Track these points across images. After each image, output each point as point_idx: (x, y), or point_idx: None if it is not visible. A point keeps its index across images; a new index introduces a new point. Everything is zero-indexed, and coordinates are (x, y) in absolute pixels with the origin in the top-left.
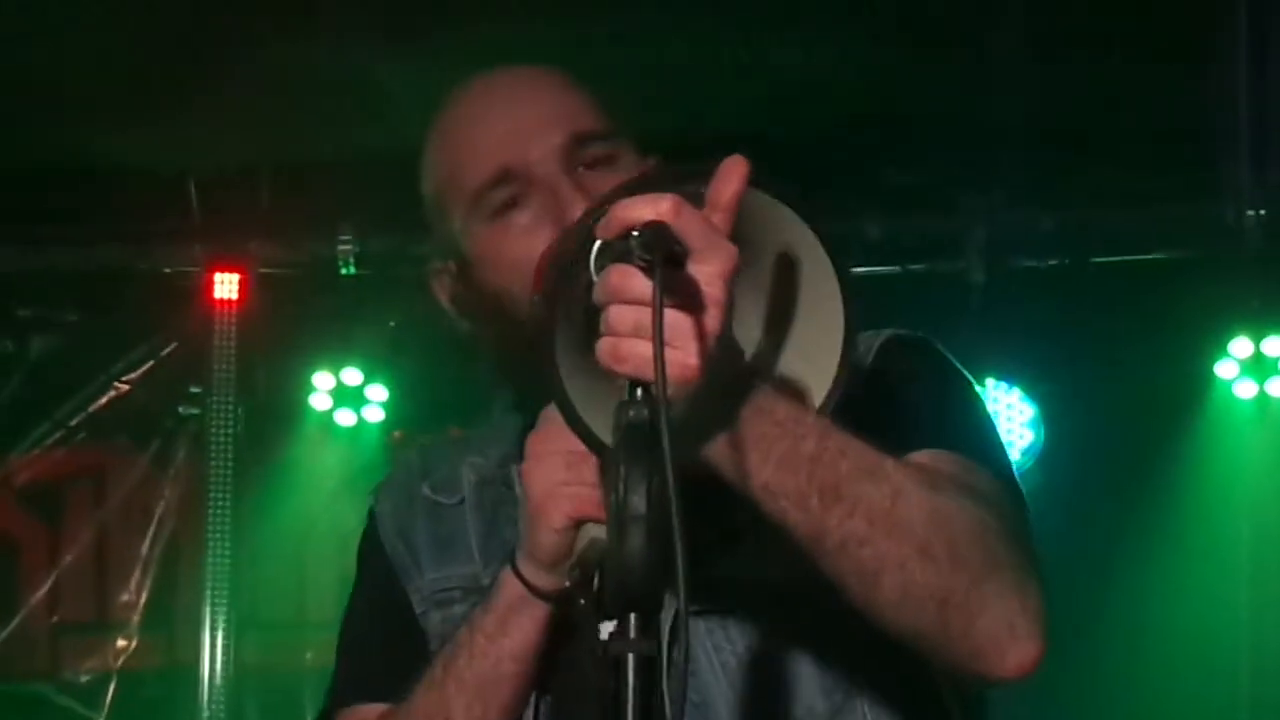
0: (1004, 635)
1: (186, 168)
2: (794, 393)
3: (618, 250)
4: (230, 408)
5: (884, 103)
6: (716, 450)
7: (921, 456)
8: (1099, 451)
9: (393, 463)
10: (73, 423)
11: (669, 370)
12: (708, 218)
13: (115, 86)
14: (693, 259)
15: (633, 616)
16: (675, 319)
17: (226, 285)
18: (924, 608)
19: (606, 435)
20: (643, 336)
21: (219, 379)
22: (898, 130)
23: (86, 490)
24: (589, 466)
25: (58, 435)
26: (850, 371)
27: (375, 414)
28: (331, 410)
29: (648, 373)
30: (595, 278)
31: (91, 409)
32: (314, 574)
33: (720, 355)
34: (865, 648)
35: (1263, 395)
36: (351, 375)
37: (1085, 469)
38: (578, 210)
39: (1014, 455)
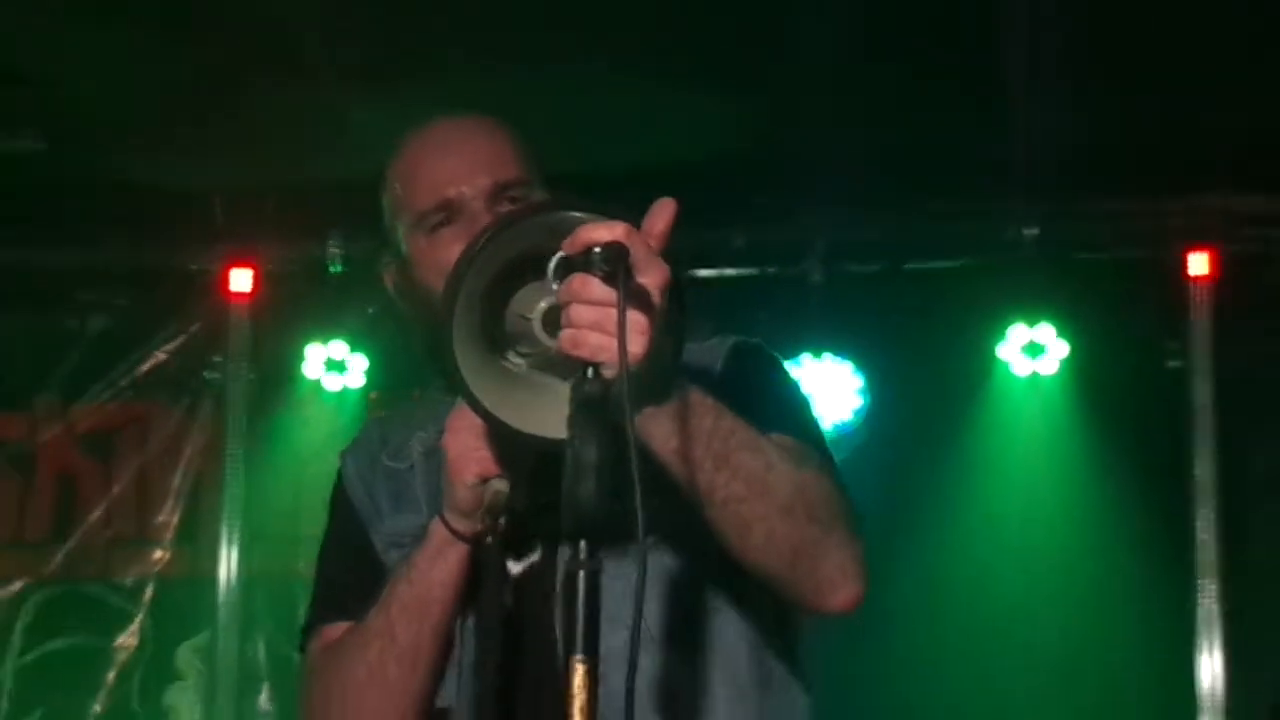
0: (838, 578)
1: (212, 186)
2: None
3: (579, 262)
4: (243, 374)
5: (749, 143)
6: (643, 421)
7: (773, 439)
8: (911, 414)
9: (364, 423)
10: (122, 383)
11: (619, 355)
12: (647, 241)
13: (158, 121)
14: (637, 272)
15: (583, 543)
16: (628, 316)
17: (241, 279)
18: (782, 554)
19: (497, 407)
20: (598, 329)
21: (234, 351)
22: (759, 163)
23: (133, 436)
24: (492, 436)
25: (110, 393)
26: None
27: (357, 380)
28: (321, 377)
29: (600, 356)
30: (555, 285)
31: (137, 373)
32: (307, 502)
33: (656, 346)
34: (731, 590)
35: (1035, 375)
36: (338, 349)
37: (900, 428)
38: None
39: (846, 415)
